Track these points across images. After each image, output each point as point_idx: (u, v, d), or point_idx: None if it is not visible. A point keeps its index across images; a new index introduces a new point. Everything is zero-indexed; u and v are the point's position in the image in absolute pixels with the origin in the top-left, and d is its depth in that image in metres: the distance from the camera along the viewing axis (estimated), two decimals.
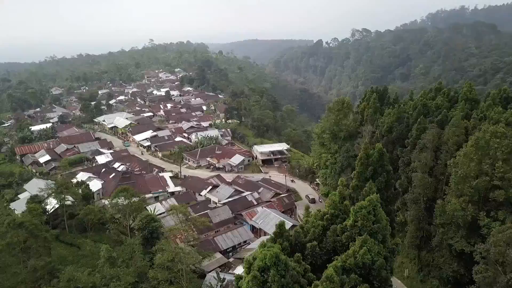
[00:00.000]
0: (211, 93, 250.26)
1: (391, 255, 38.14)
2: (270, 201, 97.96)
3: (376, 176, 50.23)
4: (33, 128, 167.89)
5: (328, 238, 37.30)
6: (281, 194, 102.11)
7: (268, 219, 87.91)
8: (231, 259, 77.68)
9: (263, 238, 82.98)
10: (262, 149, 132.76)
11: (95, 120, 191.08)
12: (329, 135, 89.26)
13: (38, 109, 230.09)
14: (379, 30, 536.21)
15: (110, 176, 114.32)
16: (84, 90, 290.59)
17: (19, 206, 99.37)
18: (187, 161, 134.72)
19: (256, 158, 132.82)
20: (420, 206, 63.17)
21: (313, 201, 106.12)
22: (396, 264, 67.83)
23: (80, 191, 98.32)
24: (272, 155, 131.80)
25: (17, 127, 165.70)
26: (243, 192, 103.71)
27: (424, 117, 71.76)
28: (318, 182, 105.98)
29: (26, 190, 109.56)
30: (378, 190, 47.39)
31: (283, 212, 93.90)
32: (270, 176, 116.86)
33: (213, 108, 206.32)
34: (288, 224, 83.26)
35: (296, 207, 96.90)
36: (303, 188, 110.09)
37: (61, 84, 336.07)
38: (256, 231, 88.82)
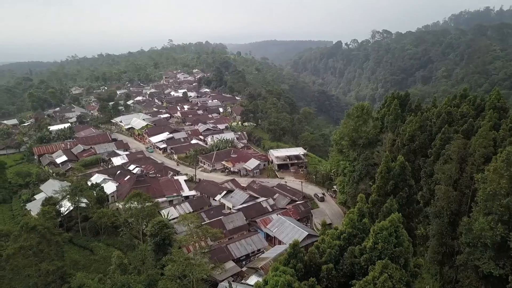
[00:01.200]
0: (228, 95, 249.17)
1: (413, 279, 35.50)
2: (285, 208, 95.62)
3: (397, 190, 47.30)
4: (52, 128, 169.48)
5: (345, 260, 34.82)
6: (297, 201, 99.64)
7: (283, 227, 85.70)
8: (244, 268, 75.70)
9: (278, 247, 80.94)
10: (278, 153, 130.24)
11: (113, 120, 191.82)
12: (348, 142, 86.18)
13: (57, 108, 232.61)
14: (400, 32, 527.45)
15: (125, 179, 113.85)
16: (103, 90, 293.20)
17: (34, 207, 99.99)
18: (202, 164, 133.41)
19: (271, 163, 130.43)
20: (443, 221, 59.83)
21: (322, 199, 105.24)
22: (417, 280, 64.65)
23: (94, 193, 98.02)
24: (288, 159, 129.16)
25: (36, 126, 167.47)
26: (258, 198, 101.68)
27: (448, 126, 68.24)
28: (336, 189, 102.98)
29: (42, 191, 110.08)
30: (399, 206, 44.59)
31: (298, 220, 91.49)
32: (286, 182, 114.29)
33: (229, 110, 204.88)
34: (304, 234, 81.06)
35: (312, 215, 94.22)
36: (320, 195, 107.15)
37: (81, 84, 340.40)
38: (271, 239, 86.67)
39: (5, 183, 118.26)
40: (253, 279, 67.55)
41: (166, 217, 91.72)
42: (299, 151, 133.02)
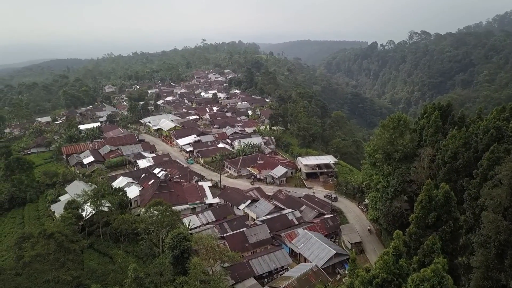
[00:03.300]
0: (258, 97, 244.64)
1: None
2: (312, 222, 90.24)
3: (439, 223, 41.20)
4: (81, 127, 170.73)
5: None
6: (325, 214, 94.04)
7: (309, 243, 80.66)
8: (266, 287, 71.10)
9: (302, 266, 75.85)
10: (307, 161, 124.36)
11: (141, 121, 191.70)
12: (382, 155, 79.76)
13: (90, 107, 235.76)
14: (439, 33, 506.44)
15: (149, 183, 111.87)
16: (135, 89, 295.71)
17: (58, 208, 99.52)
18: (228, 170, 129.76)
19: (299, 171, 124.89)
20: (489, 251, 52.94)
21: (335, 199, 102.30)
22: None
23: (117, 198, 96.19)
24: (317, 168, 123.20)
25: (66, 125, 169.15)
26: (284, 209, 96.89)
27: (497, 143, 60.86)
28: (367, 203, 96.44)
29: (67, 192, 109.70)
30: (442, 242, 38.65)
31: (326, 236, 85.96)
32: (314, 193, 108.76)
33: (258, 112, 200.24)
34: (331, 252, 75.78)
35: (341, 231, 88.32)
36: (350, 208, 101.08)
37: (114, 82, 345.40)
38: (295, 255, 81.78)
39: (33, 182, 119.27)
40: None
41: (187, 226, 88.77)
42: (329, 159, 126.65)
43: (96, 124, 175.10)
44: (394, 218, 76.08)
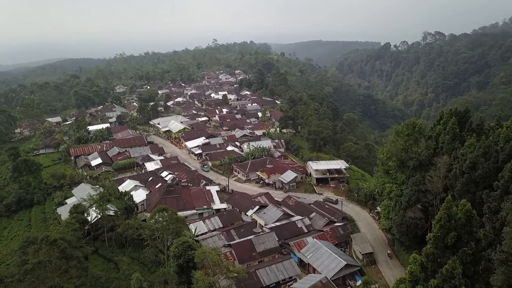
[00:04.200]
0: (268, 98, 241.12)
1: None
2: (322, 230, 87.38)
3: (460, 244, 38.09)
4: (90, 128, 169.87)
5: None
6: (335, 222, 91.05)
7: (318, 253, 77.91)
8: None
9: (311, 277, 73.05)
10: (318, 166, 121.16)
11: (151, 122, 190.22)
12: (396, 163, 76.51)
13: (100, 107, 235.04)
14: (454, 34, 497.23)
15: (156, 186, 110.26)
16: (145, 89, 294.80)
17: (65, 212, 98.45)
18: (236, 173, 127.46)
19: (309, 176, 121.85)
20: (511, 270, 49.68)
21: (336, 202, 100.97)
22: None
23: (124, 202, 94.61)
24: (328, 173, 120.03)
25: (76, 126, 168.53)
26: (293, 216, 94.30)
27: None
28: (379, 211, 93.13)
29: (73, 195, 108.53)
30: (462, 264, 35.61)
31: (336, 245, 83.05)
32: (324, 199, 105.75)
33: (268, 115, 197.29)
34: (341, 263, 72.87)
35: (351, 240, 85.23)
36: (361, 216, 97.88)
37: (125, 82, 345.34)
38: (304, 265, 79.04)
39: (40, 184, 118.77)
40: None
41: (194, 232, 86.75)
42: (340, 164, 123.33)
43: (105, 125, 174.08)
44: (407, 229, 73.11)
